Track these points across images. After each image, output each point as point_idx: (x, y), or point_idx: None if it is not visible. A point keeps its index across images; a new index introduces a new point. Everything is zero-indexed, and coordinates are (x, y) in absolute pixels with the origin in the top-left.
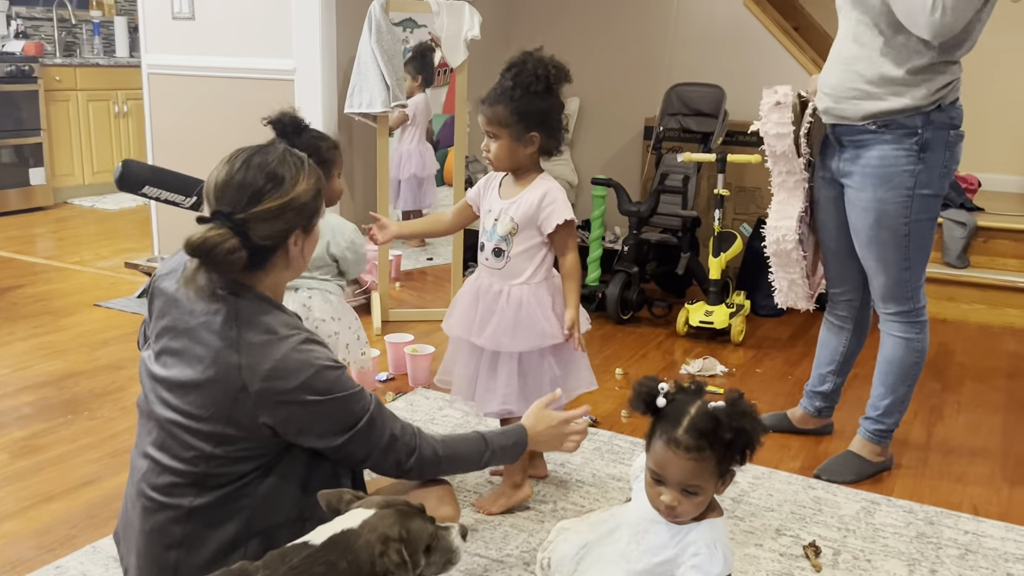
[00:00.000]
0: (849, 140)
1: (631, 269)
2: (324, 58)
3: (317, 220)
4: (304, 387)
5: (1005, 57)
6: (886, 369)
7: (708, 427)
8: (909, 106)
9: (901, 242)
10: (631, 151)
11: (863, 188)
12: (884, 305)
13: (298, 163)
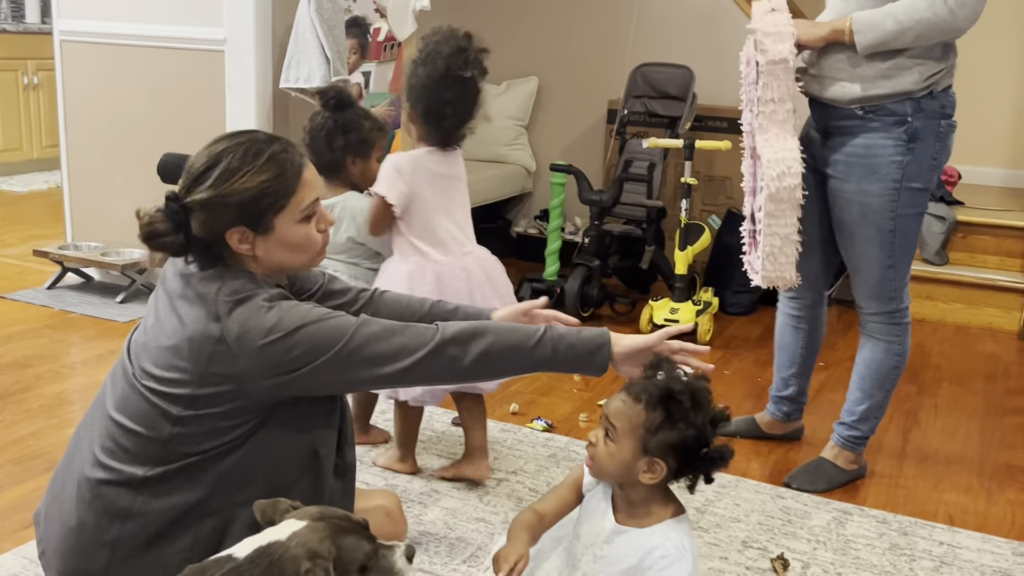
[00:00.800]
0: (834, 126)
1: (592, 263)
2: (258, 27)
3: (276, 218)
4: (278, 327)
5: (986, 47)
6: (864, 373)
7: (654, 390)
8: (899, 91)
9: (886, 238)
10: (593, 136)
11: (847, 178)
12: (866, 304)
13: (254, 154)
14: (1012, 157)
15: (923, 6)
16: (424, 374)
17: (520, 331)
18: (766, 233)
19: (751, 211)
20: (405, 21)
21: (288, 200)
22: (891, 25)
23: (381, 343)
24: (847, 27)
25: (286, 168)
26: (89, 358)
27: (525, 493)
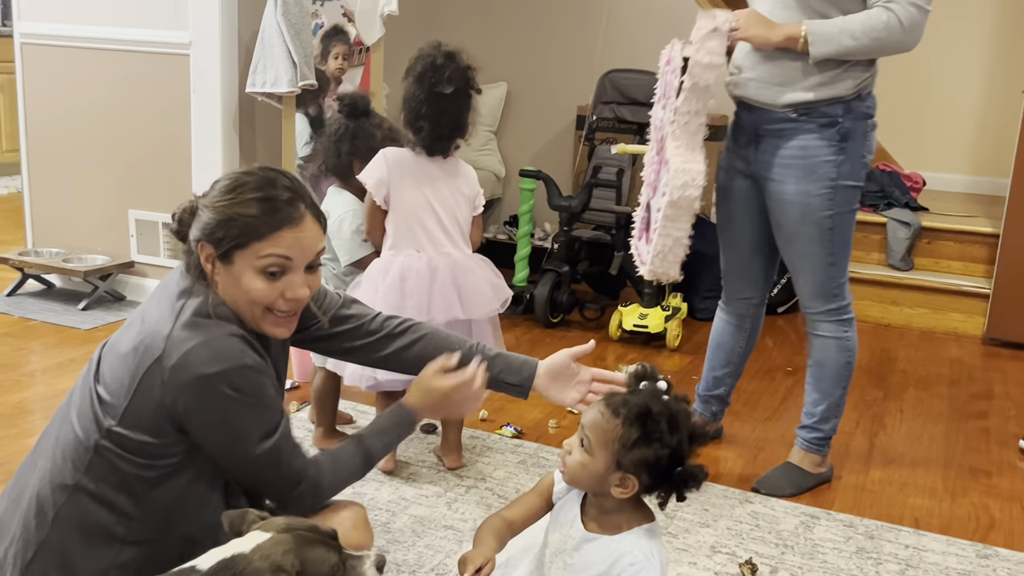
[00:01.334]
0: (767, 129)
1: (561, 268)
2: (224, 31)
3: (239, 251)
4: (221, 377)
5: (950, 54)
6: (819, 373)
7: (634, 406)
8: (834, 96)
9: (826, 236)
10: (562, 141)
11: (785, 180)
12: (811, 304)
13: (257, 188)
14: (976, 163)
15: (879, 26)
16: None
17: (348, 454)
18: (661, 233)
19: (646, 202)
20: (373, 26)
21: (252, 242)
22: (847, 41)
23: (278, 465)
24: (801, 36)
25: (272, 214)
26: (50, 366)
27: (494, 500)
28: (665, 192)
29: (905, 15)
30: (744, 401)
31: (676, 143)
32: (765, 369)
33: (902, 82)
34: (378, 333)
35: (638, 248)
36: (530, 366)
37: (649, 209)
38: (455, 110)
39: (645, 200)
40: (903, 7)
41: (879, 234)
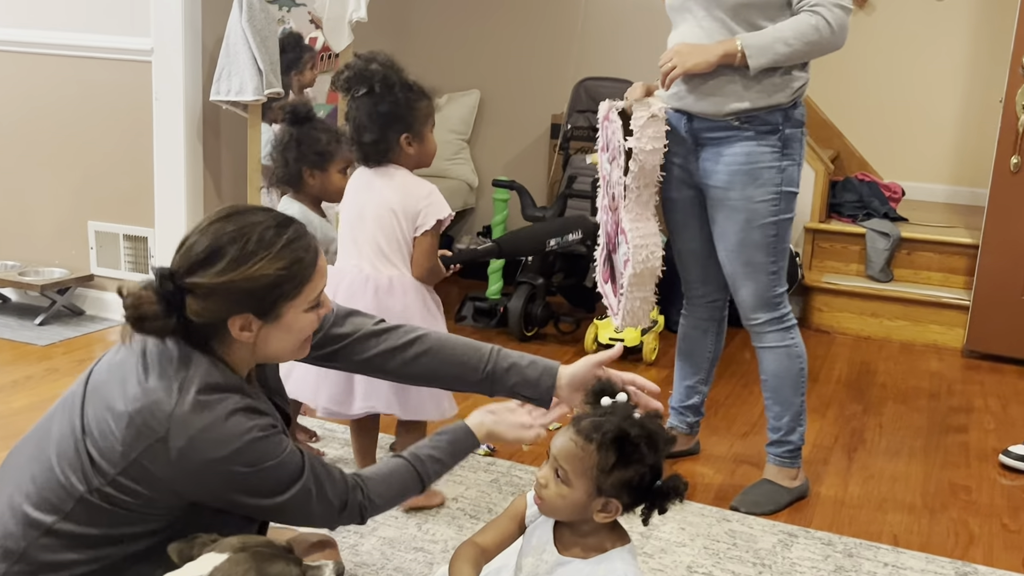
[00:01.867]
0: (708, 138)
1: (536, 281)
2: (187, 37)
3: (286, 306)
4: (232, 459)
5: (929, 64)
6: (775, 384)
7: (609, 431)
8: (774, 104)
9: (770, 242)
10: (536, 151)
11: (731, 187)
12: (754, 315)
13: (264, 240)
14: (955, 173)
15: (809, 30)
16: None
17: (403, 476)
18: (628, 297)
19: (606, 248)
20: (341, 32)
21: (302, 289)
22: (782, 48)
23: (309, 505)
24: (738, 50)
25: (302, 256)
26: (5, 384)
27: (465, 520)
28: (627, 264)
29: (832, 16)
30: (722, 416)
31: (630, 215)
32: (742, 383)
33: (881, 92)
34: (377, 347)
35: (605, 292)
36: (549, 377)
37: (611, 261)
38: (366, 112)
39: (603, 246)
40: (829, 9)
41: (858, 245)
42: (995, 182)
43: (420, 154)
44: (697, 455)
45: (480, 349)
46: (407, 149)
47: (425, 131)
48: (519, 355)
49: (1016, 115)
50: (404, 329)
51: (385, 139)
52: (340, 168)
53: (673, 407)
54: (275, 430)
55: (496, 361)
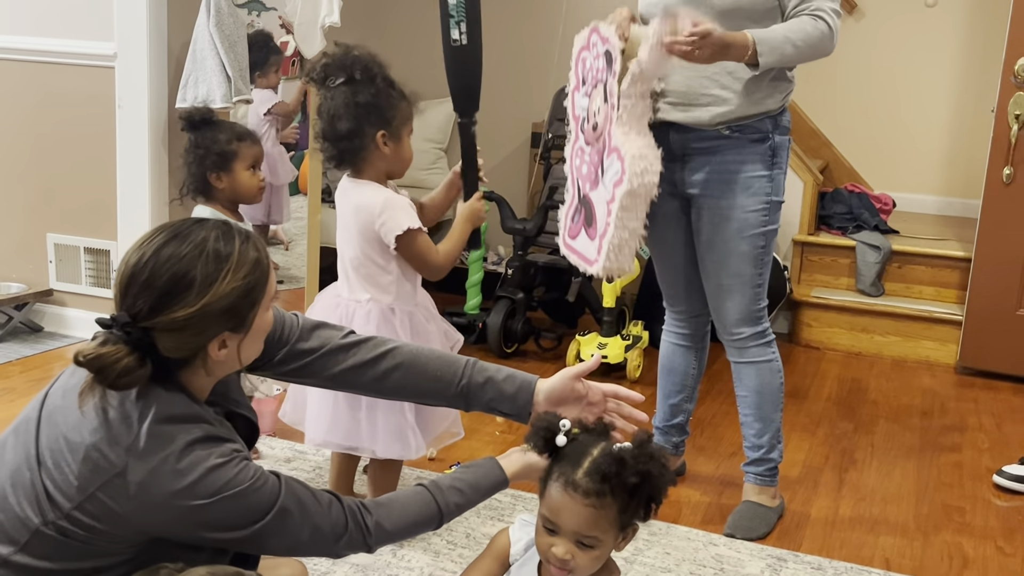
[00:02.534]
0: (696, 147)
1: (516, 295)
2: (152, 42)
3: (256, 312)
4: (194, 490)
5: (920, 72)
6: (756, 401)
7: (612, 470)
8: (764, 111)
9: (758, 254)
10: (517, 160)
11: (722, 196)
12: (737, 330)
13: (222, 253)
14: (946, 184)
15: (816, 34)
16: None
17: (421, 507)
18: (617, 226)
19: (578, 196)
20: (313, 38)
21: (266, 288)
22: (790, 50)
23: (291, 533)
24: (750, 45)
25: (257, 253)
26: None
27: (442, 547)
28: (620, 181)
29: (834, 23)
30: (708, 435)
31: (624, 129)
32: (729, 401)
33: (871, 101)
34: (346, 362)
35: (574, 247)
36: (526, 393)
37: (587, 203)
38: (343, 101)
39: (574, 195)
40: (830, 15)
41: (848, 258)
42: (988, 194)
43: (395, 158)
44: (683, 476)
45: (455, 363)
46: (382, 148)
47: (403, 133)
48: (496, 368)
49: (1008, 125)
50: (375, 342)
51: (360, 132)
52: (247, 166)
53: (657, 427)
54: (237, 456)
55: (471, 375)
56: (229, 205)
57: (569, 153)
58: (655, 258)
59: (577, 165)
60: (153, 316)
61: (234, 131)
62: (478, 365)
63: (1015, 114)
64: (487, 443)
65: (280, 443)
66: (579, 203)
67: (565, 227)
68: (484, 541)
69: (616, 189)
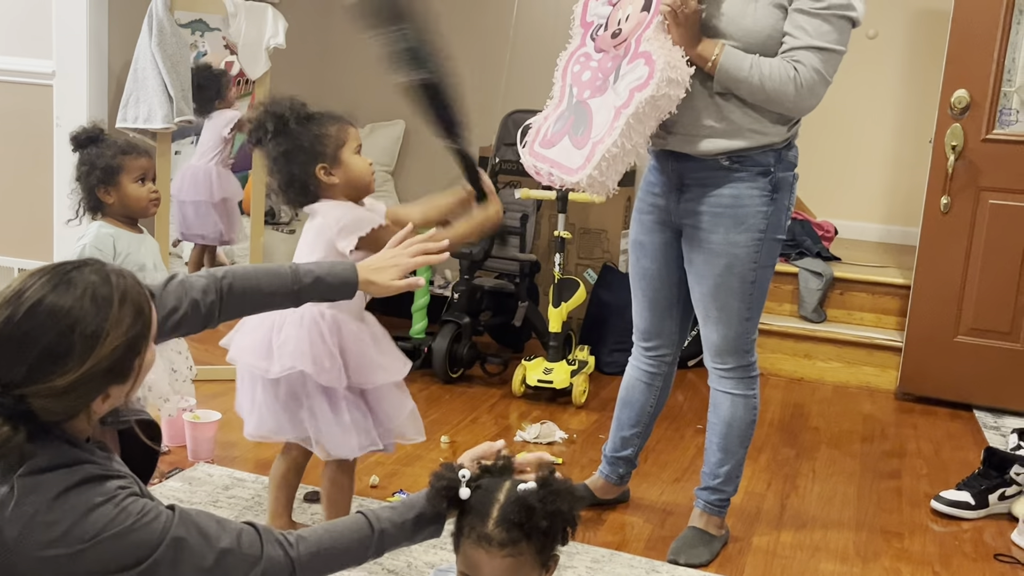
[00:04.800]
0: (694, 178)
1: (462, 319)
2: (92, 60)
3: (141, 358)
4: (63, 540)
5: (861, 101)
6: (725, 432)
7: (521, 517)
8: (767, 144)
9: (747, 289)
10: None
11: (714, 230)
12: (720, 360)
13: (105, 299)
14: (886, 212)
15: (786, 78)
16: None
17: (353, 536)
18: (623, 133)
19: (567, 101)
20: (258, 59)
21: (149, 334)
22: (755, 80)
23: (192, 562)
24: (715, 57)
25: (138, 301)
26: None
27: (381, 575)
28: (644, 86)
29: (805, 77)
30: (652, 461)
31: (660, 36)
32: (675, 427)
33: (813, 128)
34: (203, 316)
35: (548, 156)
36: (350, 272)
37: (581, 109)
38: (272, 157)
39: (561, 99)
40: (807, 69)
41: (791, 284)
42: (926, 223)
43: (347, 180)
44: (627, 503)
45: (277, 271)
46: (327, 180)
47: (342, 155)
48: (316, 265)
49: (945, 155)
50: (209, 284)
51: (297, 177)
52: (135, 178)
53: (606, 455)
54: (122, 492)
55: (300, 276)
56: (125, 220)
57: (565, 59)
58: (637, 290)
59: (576, 71)
60: (28, 384)
61: (118, 145)
62: (301, 269)
63: (951, 145)
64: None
65: (219, 470)
66: (567, 109)
67: (538, 134)
68: (426, 572)
69: (636, 94)
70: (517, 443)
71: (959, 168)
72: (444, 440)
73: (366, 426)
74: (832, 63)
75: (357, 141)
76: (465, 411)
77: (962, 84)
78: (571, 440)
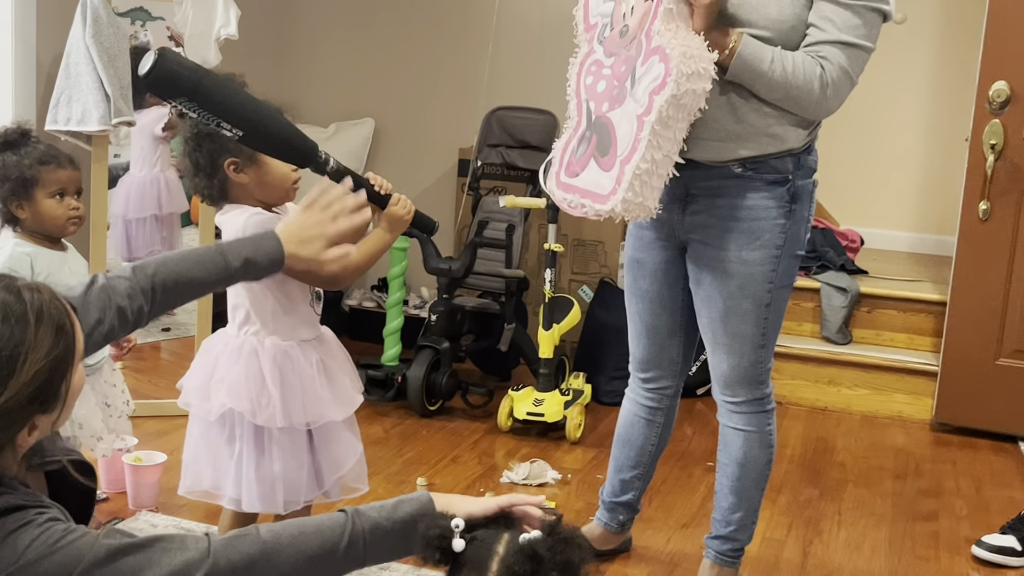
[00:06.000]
0: (703, 187)
1: (441, 344)
2: (18, 55)
3: (68, 381)
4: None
5: (890, 100)
6: (738, 473)
7: (527, 569)
8: (786, 149)
9: (761, 313)
10: (442, 190)
11: (724, 246)
12: (731, 393)
13: (20, 319)
14: (918, 219)
15: (805, 70)
16: None
17: (321, 532)
18: (650, 144)
19: (586, 119)
20: (207, 51)
21: (74, 353)
22: (777, 75)
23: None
24: (733, 45)
25: (57, 317)
26: None
27: None
28: (662, 86)
29: (831, 75)
30: (657, 504)
31: (670, 25)
32: (682, 464)
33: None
34: (131, 322)
35: (576, 186)
36: (274, 242)
37: (602, 126)
38: (184, 142)
39: (580, 119)
40: (833, 67)
41: (812, 302)
42: (963, 231)
43: (259, 183)
44: (628, 553)
45: (205, 253)
46: (236, 178)
47: (261, 155)
48: (242, 244)
49: (984, 156)
50: (136, 283)
51: (202, 168)
52: (50, 193)
53: (604, 501)
54: (42, 517)
55: (227, 253)
56: (42, 238)
57: (576, 71)
58: (633, 315)
59: (589, 83)
60: None
61: (37, 153)
62: (226, 247)
63: (991, 143)
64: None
65: (164, 519)
66: (588, 128)
67: (562, 163)
68: None
69: (655, 97)
70: (504, 484)
71: (999, 169)
72: (421, 482)
73: (297, 478)
74: (860, 62)
75: None
76: (444, 449)
77: (1001, 75)
78: (565, 480)
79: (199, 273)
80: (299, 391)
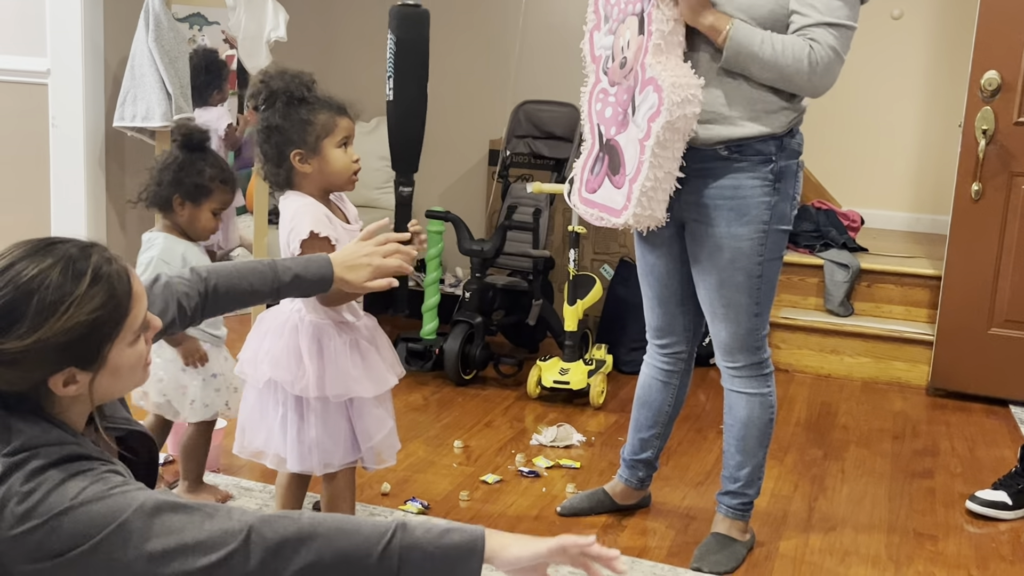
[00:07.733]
0: (693, 169)
1: (474, 319)
2: (88, 58)
3: (110, 347)
4: (40, 507)
5: (889, 85)
6: (742, 433)
7: None
8: (768, 132)
9: (753, 284)
10: (474, 179)
11: (715, 223)
12: (731, 359)
13: (74, 276)
14: (914, 200)
15: (801, 55)
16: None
17: (361, 533)
18: (652, 164)
19: (599, 143)
20: (259, 52)
21: (123, 324)
22: (767, 55)
23: (167, 536)
24: (725, 32)
25: (114, 286)
26: None
27: None
28: (657, 114)
29: (820, 55)
30: (674, 464)
31: (660, 58)
32: (696, 428)
33: (837, 113)
34: (188, 318)
35: (595, 201)
36: (326, 270)
37: (612, 148)
38: (258, 128)
39: (594, 142)
40: (822, 47)
41: (816, 277)
42: (956, 210)
43: (321, 172)
44: (648, 508)
45: (256, 266)
46: (301, 167)
47: (323, 145)
48: (293, 262)
49: (976, 140)
50: (197, 284)
51: (271, 157)
52: (213, 208)
53: (625, 459)
54: (103, 467)
55: (279, 271)
56: (181, 233)
57: (587, 98)
58: (645, 287)
59: (599, 109)
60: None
61: (221, 170)
62: (280, 265)
63: (982, 129)
64: (444, 475)
65: (225, 479)
66: (601, 150)
67: (582, 181)
68: None
69: (652, 124)
70: (533, 447)
71: (990, 153)
72: (457, 445)
73: (332, 444)
74: (846, 40)
75: (346, 134)
76: (479, 414)
77: (992, 65)
78: (589, 443)
79: (250, 284)
80: (333, 366)
